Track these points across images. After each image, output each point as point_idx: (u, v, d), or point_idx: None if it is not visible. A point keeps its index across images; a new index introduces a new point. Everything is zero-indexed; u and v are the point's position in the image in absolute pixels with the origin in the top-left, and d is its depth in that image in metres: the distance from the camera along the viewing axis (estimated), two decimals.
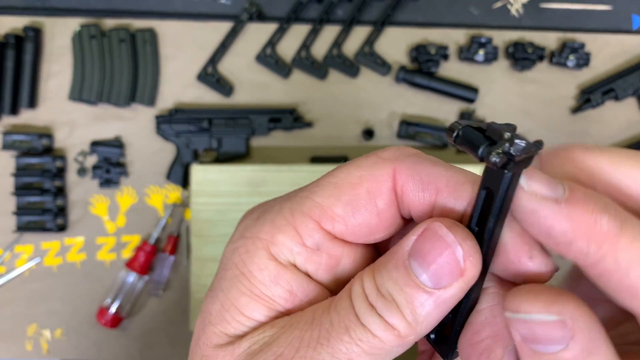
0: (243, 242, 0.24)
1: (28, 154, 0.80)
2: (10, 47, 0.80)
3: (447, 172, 0.23)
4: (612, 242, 0.19)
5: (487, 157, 0.20)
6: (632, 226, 0.20)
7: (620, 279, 0.19)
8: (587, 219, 0.19)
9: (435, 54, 0.81)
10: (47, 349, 0.80)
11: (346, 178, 0.23)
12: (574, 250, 0.20)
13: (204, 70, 0.82)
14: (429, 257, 0.21)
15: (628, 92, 0.82)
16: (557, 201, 0.20)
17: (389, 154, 0.24)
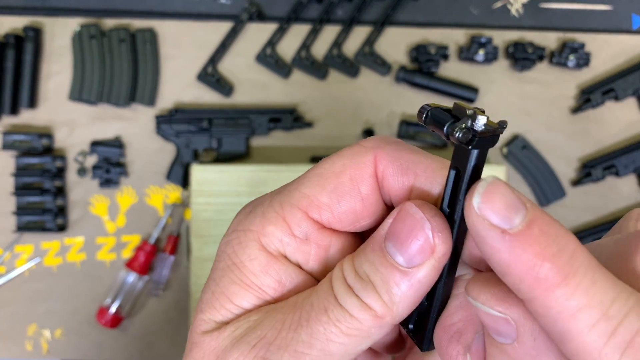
0: (236, 235, 0.25)
1: (28, 154, 0.80)
2: (10, 47, 0.80)
3: (426, 159, 0.24)
4: (546, 289, 0.18)
5: (451, 134, 0.20)
6: (580, 277, 0.19)
7: (547, 324, 0.19)
8: (526, 261, 0.19)
9: (435, 54, 0.81)
10: (47, 349, 0.80)
11: (330, 168, 0.24)
12: (507, 280, 0.19)
13: (204, 70, 0.82)
14: (402, 237, 0.22)
15: (628, 92, 0.82)
16: (503, 233, 0.19)
17: (370, 142, 0.25)
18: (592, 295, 0.19)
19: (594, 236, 0.81)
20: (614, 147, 0.83)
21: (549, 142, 0.83)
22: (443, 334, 0.23)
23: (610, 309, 0.19)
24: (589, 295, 0.19)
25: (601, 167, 0.82)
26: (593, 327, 0.18)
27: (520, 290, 0.19)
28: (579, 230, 0.82)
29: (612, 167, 0.82)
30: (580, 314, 0.18)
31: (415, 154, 0.24)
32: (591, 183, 0.82)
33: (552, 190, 0.82)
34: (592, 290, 0.19)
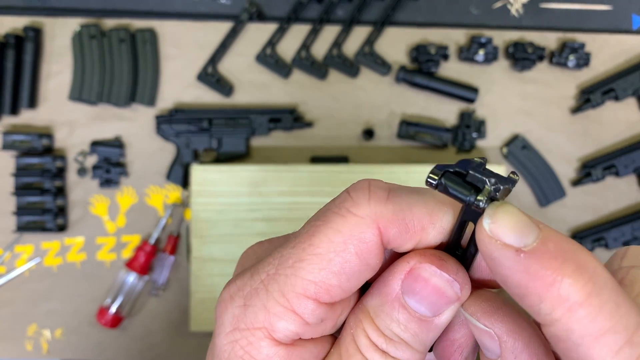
0: (240, 334, 0.23)
1: (28, 154, 0.80)
2: (10, 47, 0.80)
3: (426, 205, 0.23)
4: (569, 309, 0.18)
5: (474, 205, 0.20)
6: (602, 298, 0.18)
7: (568, 348, 0.18)
8: (545, 277, 0.18)
9: (435, 54, 0.81)
10: (47, 349, 0.80)
11: (330, 247, 0.22)
12: (527, 304, 0.19)
13: (204, 70, 0.82)
14: (424, 292, 0.22)
15: (628, 92, 0.82)
16: (517, 252, 0.18)
17: (366, 210, 0.22)
18: (618, 319, 0.18)
19: (594, 236, 0.81)
20: (614, 147, 0.83)
21: (549, 142, 0.83)
22: (448, 347, 0.24)
23: (635, 335, 0.18)
24: (614, 319, 0.18)
25: (601, 167, 0.82)
26: (617, 354, 0.17)
27: (540, 312, 0.18)
28: (579, 230, 0.82)
29: (612, 167, 0.82)
30: (603, 338, 0.18)
31: (413, 204, 0.23)
32: (591, 183, 0.82)
33: (552, 190, 0.82)
34: (617, 314, 0.18)
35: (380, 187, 0.23)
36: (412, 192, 0.23)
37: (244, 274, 0.23)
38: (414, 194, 0.23)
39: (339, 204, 0.22)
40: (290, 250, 0.23)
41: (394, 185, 0.23)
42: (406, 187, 0.23)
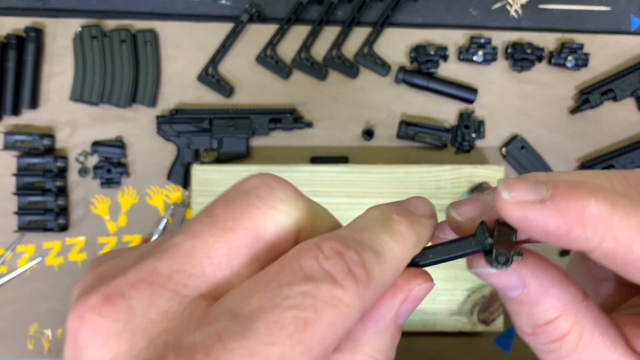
0: None
1: (29, 154, 0.80)
2: (11, 48, 0.80)
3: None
4: (606, 221, 0.20)
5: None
6: (622, 203, 0.21)
7: (624, 255, 0.21)
8: (575, 208, 0.21)
9: (434, 55, 0.81)
10: (48, 348, 0.80)
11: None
12: (574, 239, 0.21)
13: (205, 71, 0.82)
14: (413, 307, 0.24)
15: (627, 92, 0.82)
16: (542, 201, 0.21)
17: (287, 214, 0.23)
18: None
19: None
20: (612, 148, 0.84)
21: (548, 143, 0.84)
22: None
23: None
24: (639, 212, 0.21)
25: (600, 167, 0.82)
26: None
27: (588, 237, 0.21)
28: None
29: (610, 168, 0.82)
30: None
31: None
32: None
33: None
34: (637, 207, 0.21)
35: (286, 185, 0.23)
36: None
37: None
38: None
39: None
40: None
41: None
42: None
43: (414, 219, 0.23)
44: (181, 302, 0.20)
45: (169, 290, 0.20)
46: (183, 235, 0.21)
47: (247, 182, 0.23)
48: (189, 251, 0.21)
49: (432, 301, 0.74)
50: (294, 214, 0.22)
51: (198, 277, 0.20)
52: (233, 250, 0.21)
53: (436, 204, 0.27)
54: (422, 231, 0.23)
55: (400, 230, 0.22)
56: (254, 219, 0.21)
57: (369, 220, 0.22)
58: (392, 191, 0.75)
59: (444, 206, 0.56)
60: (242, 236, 0.21)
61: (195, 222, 0.21)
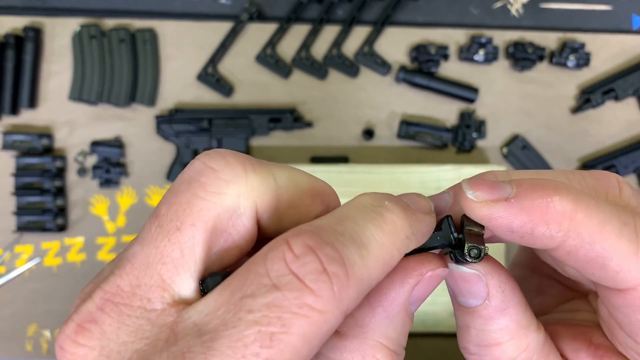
0: None
1: (28, 154, 0.80)
2: (10, 47, 0.80)
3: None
4: (570, 218, 0.20)
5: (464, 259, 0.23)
6: (586, 201, 0.21)
7: (586, 253, 0.21)
8: (539, 205, 0.20)
9: (435, 54, 0.81)
10: (47, 349, 0.80)
11: None
12: (539, 237, 0.21)
13: (204, 70, 0.82)
14: (428, 293, 0.23)
15: (628, 92, 0.82)
16: (507, 200, 0.21)
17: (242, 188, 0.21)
18: (604, 209, 0.21)
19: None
20: (614, 147, 0.83)
21: (549, 142, 0.83)
22: None
23: (620, 216, 0.21)
24: (602, 212, 0.21)
25: (601, 167, 0.82)
26: (620, 234, 0.20)
27: (552, 234, 0.21)
28: None
29: (612, 168, 0.82)
30: (606, 227, 0.20)
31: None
32: None
33: None
34: (600, 206, 0.21)
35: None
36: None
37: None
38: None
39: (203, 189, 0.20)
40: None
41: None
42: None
43: (410, 210, 0.21)
44: (149, 319, 0.19)
45: (136, 307, 0.19)
46: (137, 245, 0.20)
47: (190, 169, 0.21)
48: (144, 261, 0.19)
49: (432, 302, 0.74)
50: (246, 193, 0.20)
51: (159, 287, 0.19)
52: (187, 250, 0.19)
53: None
54: (418, 225, 0.21)
55: (392, 218, 0.20)
56: (199, 212, 0.20)
57: (355, 208, 0.20)
58: (393, 191, 0.75)
59: None
60: (192, 233, 0.19)
61: (146, 228, 0.20)
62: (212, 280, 0.19)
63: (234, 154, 0.21)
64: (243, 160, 0.21)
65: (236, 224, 0.20)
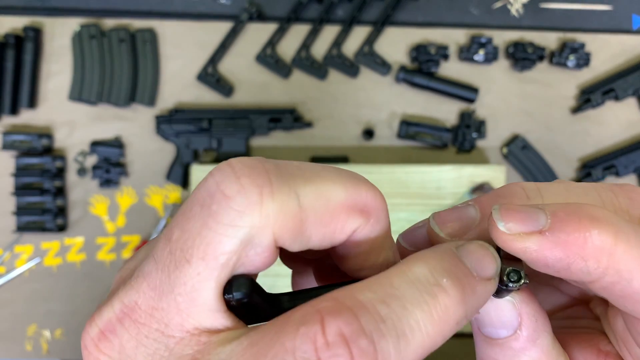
0: None
1: (28, 154, 0.80)
2: (10, 47, 0.80)
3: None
4: (609, 254, 0.19)
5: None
6: (626, 234, 0.19)
7: (623, 289, 0.19)
8: (576, 240, 0.19)
9: (435, 54, 0.81)
10: (46, 349, 0.80)
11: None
12: (575, 272, 0.20)
13: (204, 70, 0.81)
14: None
15: (628, 92, 0.82)
16: (541, 233, 0.19)
17: (256, 218, 0.19)
18: None
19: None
20: (614, 148, 0.83)
21: (549, 142, 0.83)
22: None
23: None
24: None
25: (601, 167, 0.82)
26: None
27: (590, 270, 0.19)
28: None
29: (612, 167, 0.81)
30: None
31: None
32: None
33: None
34: (639, 235, 0.19)
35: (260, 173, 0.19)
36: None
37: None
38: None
39: (215, 216, 0.18)
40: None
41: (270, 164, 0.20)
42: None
43: (469, 286, 0.19)
44: (167, 345, 0.18)
45: (154, 330, 0.19)
46: (152, 263, 0.19)
47: (202, 188, 0.19)
48: (159, 287, 0.19)
49: None
50: (261, 224, 0.18)
51: (176, 314, 0.18)
52: (199, 284, 0.18)
53: (437, 205, 0.26)
54: (474, 302, 0.19)
55: (446, 304, 0.18)
56: (208, 245, 0.18)
57: (408, 283, 0.18)
58: (393, 191, 0.75)
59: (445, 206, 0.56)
60: (201, 268, 0.18)
61: (159, 248, 0.19)
62: (237, 288, 0.19)
63: (250, 174, 0.19)
64: (260, 183, 0.19)
65: (251, 254, 0.19)
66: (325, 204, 0.20)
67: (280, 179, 0.19)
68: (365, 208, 0.21)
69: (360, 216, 0.20)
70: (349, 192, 0.20)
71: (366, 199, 0.21)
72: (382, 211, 0.21)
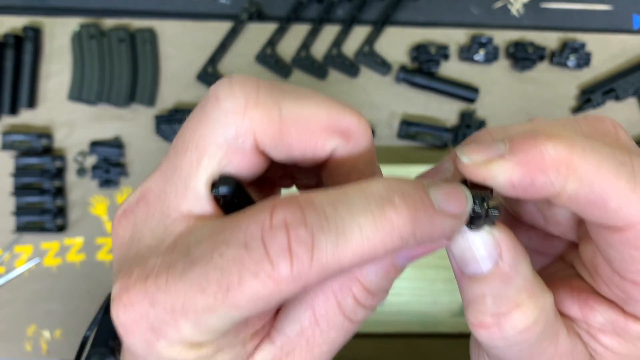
0: None
1: (27, 154, 0.80)
2: (9, 47, 0.80)
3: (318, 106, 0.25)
4: (567, 163, 0.21)
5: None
6: (580, 144, 0.21)
7: (586, 195, 0.21)
8: (534, 155, 0.21)
9: (435, 54, 0.81)
10: (46, 349, 0.80)
11: None
12: (540, 187, 0.21)
13: (204, 70, 0.81)
14: (419, 254, 0.23)
15: (629, 92, 0.82)
16: (501, 156, 0.21)
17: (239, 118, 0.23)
18: (599, 150, 0.21)
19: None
20: None
21: None
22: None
23: (616, 156, 0.21)
24: (598, 153, 0.21)
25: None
26: (617, 174, 0.21)
27: (553, 182, 0.21)
28: None
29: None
30: (602, 168, 0.21)
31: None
32: None
33: None
34: (595, 147, 0.21)
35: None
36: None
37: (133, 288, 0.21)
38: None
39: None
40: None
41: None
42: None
43: (424, 211, 0.20)
44: (164, 223, 0.22)
45: (158, 210, 0.22)
46: (166, 157, 0.23)
47: (205, 96, 0.23)
48: (166, 173, 0.22)
49: (433, 302, 0.74)
50: (243, 124, 0.22)
51: (175, 197, 0.22)
52: (192, 171, 0.22)
53: None
54: (428, 227, 0.21)
55: (392, 217, 0.20)
56: (200, 137, 0.22)
57: (361, 194, 0.20)
58: None
59: None
60: (194, 157, 0.22)
61: (172, 144, 0.23)
62: (222, 184, 0.22)
63: (241, 83, 0.22)
64: (248, 91, 0.22)
65: (238, 151, 0.22)
66: (306, 119, 0.22)
67: (267, 92, 0.22)
68: (346, 131, 0.24)
69: (339, 137, 0.23)
70: (331, 113, 0.23)
71: (348, 122, 0.24)
72: (362, 136, 0.24)
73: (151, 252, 0.21)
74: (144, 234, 0.22)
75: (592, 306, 0.25)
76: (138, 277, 0.20)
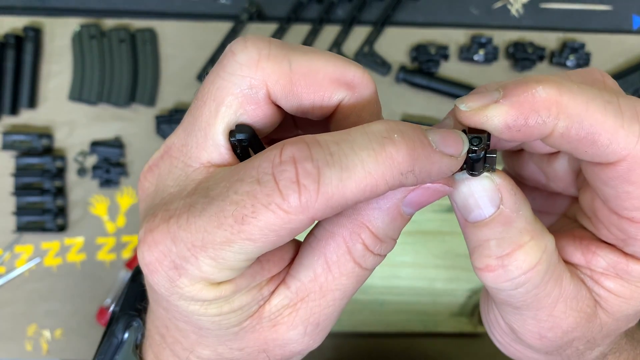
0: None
1: (28, 154, 0.80)
2: (10, 47, 0.80)
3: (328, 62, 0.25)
4: (557, 102, 0.22)
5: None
6: (568, 85, 0.22)
7: (577, 132, 0.22)
8: (525, 98, 0.22)
9: (435, 54, 0.81)
10: (47, 349, 0.80)
11: None
12: (534, 127, 0.22)
13: (204, 70, 0.82)
14: (424, 201, 0.24)
15: (628, 92, 0.82)
16: (496, 102, 0.23)
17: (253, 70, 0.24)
18: (587, 91, 0.22)
19: None
20: None
21: None
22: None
23: (603, 96, 0.22)
24: (586, 93, 0.22)
25: None
26: (605, 112, 0.22)
27: (545, 121, 0.22)
28: None
29: None
30: (590, 106, 0.22)
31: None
32: None
33: None
34: (583, 89, 0.23)
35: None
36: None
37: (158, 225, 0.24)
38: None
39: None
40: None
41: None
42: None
43: (422, 149, 0.22)
44: (186, 172, 0.24)
45: (181, 161, 0.24)
46: (188, 113, 0.25)
47: (222, 53, 0.25)
48: (187, 127, 0.24)
49: (433, 302, 0.74)
50: (256, 75, 0.23)
51: (196, 149, 0.24)
52: (211, 120, 0.23)
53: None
54: (427, 166, 0.22)
55: (391, 153, 0.21)
56: (218, 89, 0.23)
57: (363, 133, 0.21)
58: None
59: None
60: (213, 107, 0.23)
61: (192, 101, 0.25)
62: (239, 131, 0.23)
63: (255, 40, 0.24)
64: (260, 46, 0.23)
65: (252, 101, 0.23)
66: (314, 72, 0.24)
67: (278, 48, 0.24)
68: (351, 82, 0.25)
69: (346, 89, 0.25)
70: (337, 66, 0.24)
71: (353, 74, 0.25)
72: (367, 87, 0.26)
73: (174, 198, 0.23)
74: (167, 184, 0.24)
75: (594, 251, 0.26)
76: (162, 218, 0.23)
